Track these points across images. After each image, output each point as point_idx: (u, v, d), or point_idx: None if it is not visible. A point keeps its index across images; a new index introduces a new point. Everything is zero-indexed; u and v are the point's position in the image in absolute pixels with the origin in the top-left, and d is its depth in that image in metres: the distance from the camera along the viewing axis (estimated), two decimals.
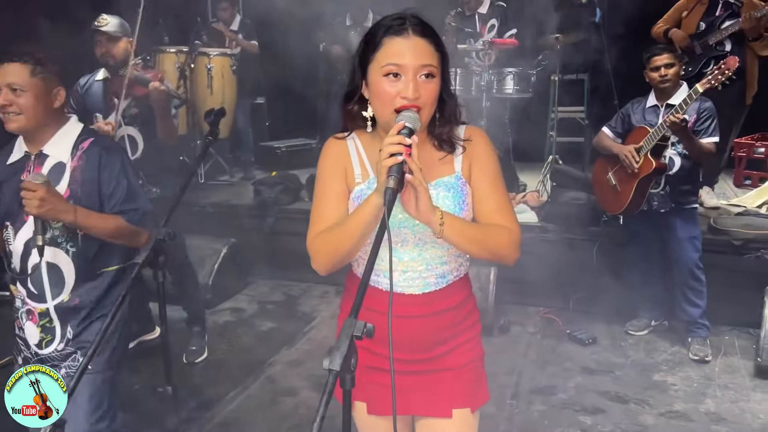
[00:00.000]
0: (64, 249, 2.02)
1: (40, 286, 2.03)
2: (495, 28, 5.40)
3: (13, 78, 1.93)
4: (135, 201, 2.08)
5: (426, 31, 1.48)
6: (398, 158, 1.31)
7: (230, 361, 3.76)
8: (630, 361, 3.70)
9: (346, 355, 1.10)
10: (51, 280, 2.02)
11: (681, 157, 3.61)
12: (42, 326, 2.06)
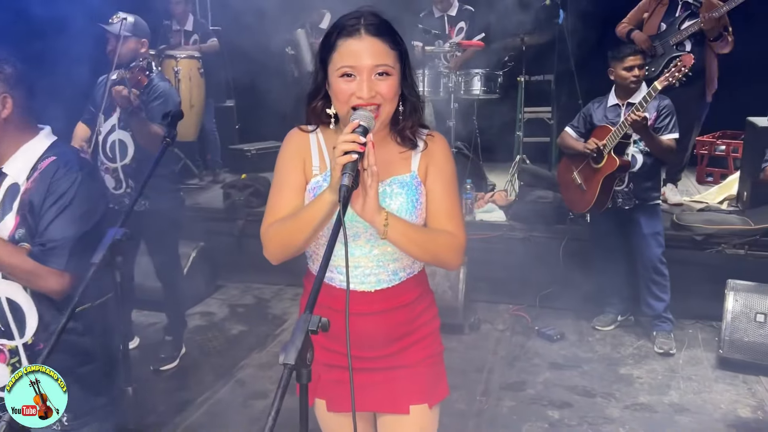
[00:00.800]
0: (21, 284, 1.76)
1: (5, 321, 1.78)
2: (464, 31, 5.47)
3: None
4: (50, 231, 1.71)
5: (381, 29, 1.49)
6: (353, 156, 1.33)
7: (200, 365, 3.74)
8: (597, 356, 3.77)
9: (300, 349, 1.11)
10: (15, 317, 1.77)
11: (643, 155, 3.68)
12: (12, 365, 1.82)
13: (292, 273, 4.51)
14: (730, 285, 3.64)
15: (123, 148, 3.35)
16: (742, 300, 3.57)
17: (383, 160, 1.57)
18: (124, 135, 3.34)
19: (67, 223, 1.71)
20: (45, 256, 1.68)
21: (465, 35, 5.42)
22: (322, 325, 1.14)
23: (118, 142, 3.35)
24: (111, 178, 3.38)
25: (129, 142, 3.35)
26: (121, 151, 3.35)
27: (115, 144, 3.35)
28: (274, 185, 1.64)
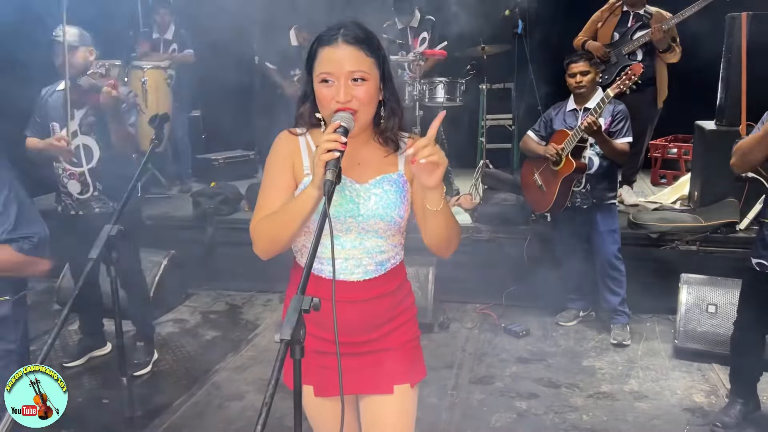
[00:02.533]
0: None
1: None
2: (426, 41, 5.64)
3: None
4: (28, 227, 1.87)
5: (357, 38, 1.61)
6: (335, 154, 1.44)
7: (175, 370, 3.78)
8: (561, 350, 3.93)
9: (295, 326, 1.21)
10: None
11: (599, 157, 3.87)
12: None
13: (263, 279, 4.65)
14: (683, 279, 3.85)
15: (88, 152, 3.40)
16: (694, 293, 3.78)
17: (370, 159, 1.70)
18: (88, 139, 3.39)
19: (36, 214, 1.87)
20: (37, 247, 1.83)
21: (428, 45, 5.59)
22: (314, 304, 1.25)
23: (82, 146, 3.39)
24: (77, 182, 3.42)
25: (93, 146, 3.40)
26: (86, 156, 3.39)
27: (80, 148, 3.39)
28: (263, 185, 1.73)
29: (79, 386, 3.56)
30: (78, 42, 3.33)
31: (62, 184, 3.48)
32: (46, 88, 3.52)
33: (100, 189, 3.43)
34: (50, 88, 3.50)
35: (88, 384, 3.59)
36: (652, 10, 4.92)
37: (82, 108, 3.37)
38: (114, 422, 3.04)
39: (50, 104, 3.45)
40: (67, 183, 3.44)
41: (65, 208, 3.50)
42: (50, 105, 3.44)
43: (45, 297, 4.69)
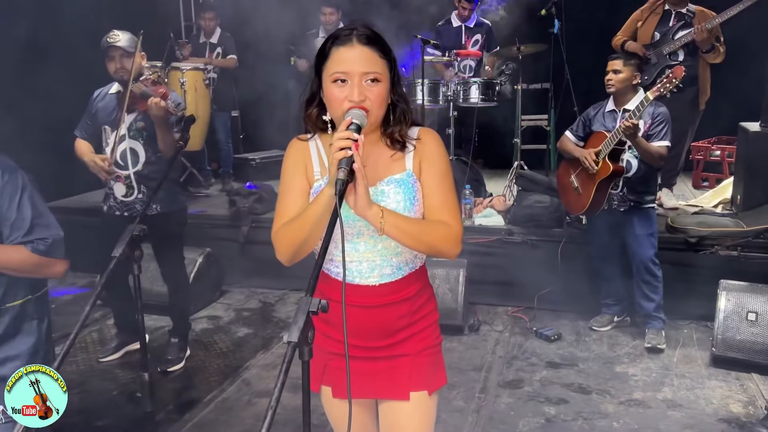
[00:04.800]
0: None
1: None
2: (479, 44, 5.62)
3: None
4: (43, 229, 1.90)
5: (371, 39, 1.61)
6: (348, 152, 1.44)
7: (207, 366, 3.85)
8: (593, 355, 3.86)
9: (302, 328, 1.22)
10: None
11: (638, 160, 3.78)
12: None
13: (296, 278, 4.69)
14: (722, 285, 3.73)
15: (134, 156, 3.49)
16: (734, 299, 3.66)
17: (378, 161, 1.69)
18: (135, 143, 3.48)
19: (50, 216, 1.90)
20: (51, 249, 1.86)
21: (480, 48, 5.59)
22: (322, 306, 1.25)
23: (129, 150, 3.48)
24: (122, 185, 3.52)
25: (140, 150, 3.49)
26: (132, 159, 3.49)
27: (126, 152, 3.49)
28: (280, 192, 1.74)
29: (114, 380, 3.66)
30: (132, 47, 3.41)
31: (108, 185, 3.57)
32: (98, 90, 3.61)
33: (144, 192, 3.52)
34: (103, 90, 3.59)
35: (122, 378, 3.69)
36: (695, 8, 4.78)
37: (132, 113, 3.45)
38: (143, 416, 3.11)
39: (102, 107, 3.53)
40: (113, 185, 3.54)
41: (110, 208, 3.61)
42: (102, 107, 3.53)
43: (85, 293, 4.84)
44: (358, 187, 1.49)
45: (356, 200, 1.51)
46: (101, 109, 3.53)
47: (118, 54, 3.38)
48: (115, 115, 3.46)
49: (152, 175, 3.49)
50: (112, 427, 3.17)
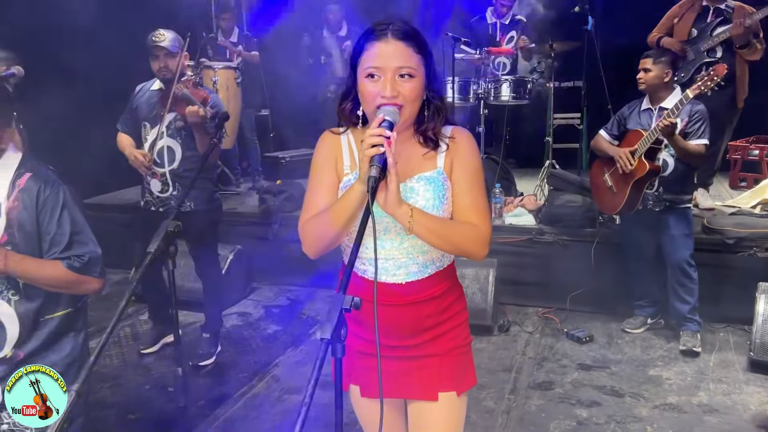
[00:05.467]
0: (5, 298, 1.83)
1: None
2: (513, 40, 5.57)
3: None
4: (81, 246, 1.88)
5: (406, 34, 1.59)
6: (380, 149, 1.43)
7: (237, 362, 3.88)
8: (626, 358, 3.79)
9: (336, 325, 1.22)
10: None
11: (674, 159, 3.71)
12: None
13: (325, 276, 4.69)
14: (761, 288, 3.64)
15: (171, 154, 3.54)
16: None
17: (409, 157, 1.67)
18: (172, 142, 3.53)
19: (89, 233, 1.87)
20: (87, 266, 1.85)
21: (514, 46, 5.53)
22: (355, 304, 1.24)
23: (166, 148, 3.54)
24: (158, 181, 3.57)
25: (177, 149, 3.55)
26: (169, 157, 3.54)
27: (164, 150, 3.54)
28: (309, 185, 1.74)
29: (146, 374, 3.72)
30: (176, 47, 3.46)
31: (145, 181, 3.63)
32: (140, 85, 3.66)
33: (179, 189, 3.57)
34: (145, 85, 3.64)
35: (155, 372, 3.74)
36: (734, 3, 4.66)
37: (172, 112, 3.49)
38: (175, 411, 3.16)
39: (143, 102, 3.58)
40: (150, 181, 3.59)
41: (147, 203, 3.67)
42: (143, 103, 3.58)
43: (119, 288, 4.91)
44: (389, 185, 1.49)
45: (387, 198, 1.51)
46: (142, 105, 3.58)
47: (163, 53, 3.43)
48: (155, 112, 3.52)
49: (187, 174, 3.54)
50: (145, 421, 3.22)
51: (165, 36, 3.42)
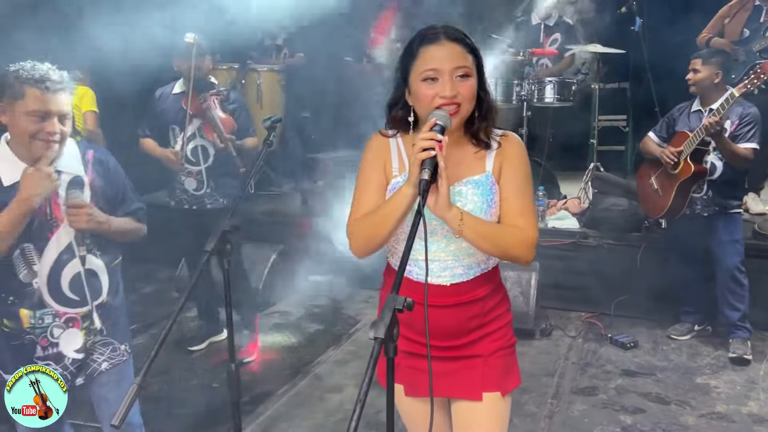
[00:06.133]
0: (94, 253, 2.09)
1: (81, 292, 2.05)
2: (558, 42, 5.51)
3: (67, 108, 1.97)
4: (136, 201, 2.22)
5: (458, 36, 1.63)
6: (431, 152, 1.45)
7: (280, 360, 3.94)
8: (672, 365, 3.72)
9: (389, 325, 1.23)
10: (90, 285, 2.07)
11: (723, 163, 3.62)
12: (86, 329, 2.08)
13: (364, 277, 4.73)
14: None
15: (204, 152, 3.64)
16: None
17: (458, 160, 1.68)
18: (205, 142, 3.63)
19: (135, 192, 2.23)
20: (143, 217, 2.22)
21: (558, 47, 5.48)
22: (407, 304, 1.26)
23: (200, 147, 3.63)
24: (193, 180, 3.66)
25: (210, 147, 3.64)
26: (203, 155, 3.64)
27: (197, 149, 3.63)
28: (357, 185, 1.77)
29: (192, 370, 3.80)
30: (206, 49, 3.54)
31: (179, 180, 3.71)
32: (159, 89, 3.75)
33: (213, 186, 3.67)
34: (165, 90, 3.72)
35: (200, 369, 3.82)
36: None
37: (198, 118, 3.59)
38: (221, 406, 3.23)
39: (167, 107, 3.66)
40: (184, 180, 3.68)
41: (179, 202, 3.75)
42: (167, 108, 3.66)
43: (165, 285, 5.04)
44: (440, 188, 1.51)
45: (437, 201, 1.52)
46: (167, 110, 3.66)
47: (190, 55, 3.50)
48: (181, 116, 3.59)
49: (220, 170, 3.61)
50: (192, 416, 3.29)
51: (195, 37, 3.50)
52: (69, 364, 2.06)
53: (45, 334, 2.02)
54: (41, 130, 1.90)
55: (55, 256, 2.00)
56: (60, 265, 2.01)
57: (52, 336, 2.03)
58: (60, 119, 1.93)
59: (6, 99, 1.90)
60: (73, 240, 2.01)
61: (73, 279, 2.03)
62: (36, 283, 1.99)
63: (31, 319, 2.01)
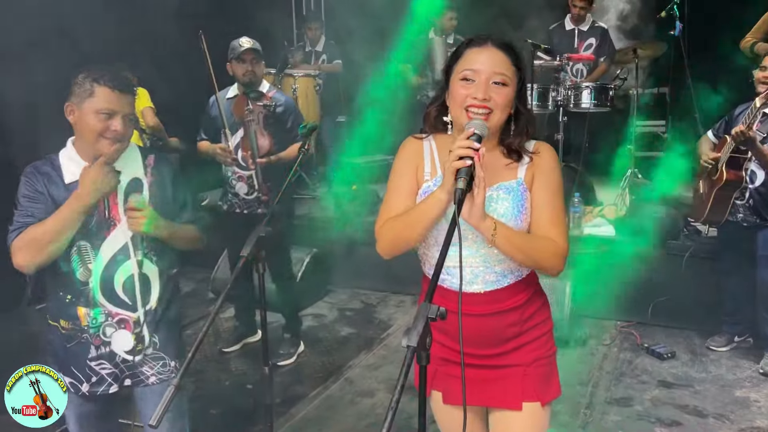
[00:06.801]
0: (150, 258, 2.08)
1: (133, 295, 2.05)
2: (593, 47, 5.46)
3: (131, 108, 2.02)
4: (195, 210, 2.23)
5: (505, 45, 1.65)
6: (467, 162, 1.45)
7: (312, 363, 3.97)
8: (710, 377, 3.64)
9: (421, 334, 1.24)
10: (142, 290, 2.06)
11: (765, 170, 3.53)
12: (136, 334, 2.06)
13: (396, 281, 4.74)
14: None
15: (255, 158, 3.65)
16: None
17: (490, 167, 1.68)
18: (254, 146, 3.64)
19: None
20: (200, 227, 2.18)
21: (593, 52, 5.42)
22: (441, 313, 1.27)
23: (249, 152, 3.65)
24: (244, 184, 3.70)
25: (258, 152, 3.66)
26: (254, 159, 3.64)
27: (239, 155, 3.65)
28: (389, 187, 1.78)
29: (226, 371, 3.86)
30: (261, 56, 3.60)
31: (230, 185, 3.76)
32: (213, 96, 3.76)
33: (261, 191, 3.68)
34: (219, 94, 3.74)
35: (235, 369, 3.88)
36: None
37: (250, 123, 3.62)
38: (254, 407, 3.28)
39: (221, 112, 3.68)
40: (236, 184, 3.73)
41: (231, 206, 3.80)
42: (221, 112, 3.68)
43: (201, 285, 5.13)
44: (476, 198, 1.51)
45: (471, 210, 1.53)
46: (221, 114, 3.68)
47: (250, 58, 3.56)
48: (232, 120, 3.64)
49: (268, 176, 3.63)
50: (226, 416, 3.34)
51: (252, 41, 3.54)
52: (120, 363, 2.07)
53: (98, 334, 2.03)
54: (108, 128, 1.94)
55: (110, 256, 2.01)
56: (114, 266, 2.02)
57: (105, 335, 2.04)
58: (124, 119, 1.96)
59: (75, 98, 1.94)
60: (129, 242, 2.02)
61: (126, 281, 2.03)
62: (90, 281, 2.01)
63: (88, 318, 2.02)
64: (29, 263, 1.90)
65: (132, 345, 2.05)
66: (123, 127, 1.96)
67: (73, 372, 2.02)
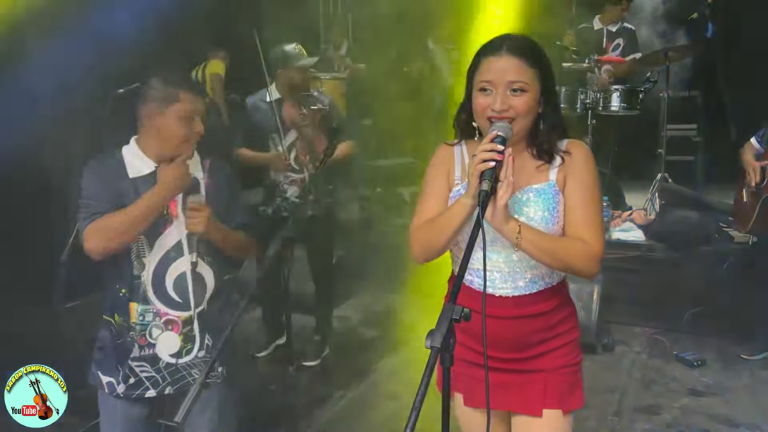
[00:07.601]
0: (205, 260, 2.08)
1: (185, 295, 2.04)
2: (620, 48, 5.39)
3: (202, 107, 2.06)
4: (250, 217, 2.22)
5: (521, 49, 1.61)
6: (490, 164, 1.44)
7: (337, 365, 3.96)
8: (742, 385, 3.56)
9: (445, 335, 1.23)
10: (195, 290, 2.05)
11: None
12: (184, 334, 2.04)
13: (421, 284, 4.72)
14: None
15: None
16: None
17: (520, 170, 1.65)
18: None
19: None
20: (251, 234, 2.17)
21: (621, 53, 5.35)
22: (465, 314, 1.26)
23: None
24: (297, 188, 3.69)
25: None
26: None
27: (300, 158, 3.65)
28: (422, 192, 1.79)
29: (254, 371, 3.84)
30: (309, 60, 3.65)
31: (281, 189, 3.72)
32: (251, 97, 3.78)
33: (314, 194, 3.65)
34: (255, 98, 3.75)
35: (263, 370, 3.88)
36: None
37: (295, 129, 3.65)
38: (277, 409, 3.27)
39: (263, 117, 3.67)
40: (288, 189, 3.70)
41: (277, 209, 3.78)
42: (264, 117, 3.67)
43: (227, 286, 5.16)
44: (498, 201, 1.50)
45: (494, 213, 1.52)
46: (264, 119, 3.67)
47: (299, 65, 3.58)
48: (281, 123, 3.61)
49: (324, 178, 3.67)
50: (252, 417, 3.35)
51: (302, 49, 3.56)
52: (162, 368, 2.04)
53: (144, 333, 2.01)
54: (192, 130, 2.00)
55: (164, 251, 2.02)
56: (167, 262, 2.02)
57: (151, 336, 2.02)
58: (202, 120, 2.02)
59: (154, 102, 1.98)
60: (184, 240, 2.03)
61: (178, 279, 2.03)
62: (143, 275, 2.01)
63: (137, 314, 2.01)
64: (100, 249, 1.94)
65: (178, 347, 2.04)
66: (202, 128, 2.02)
67: (116, 370, 2.01)
